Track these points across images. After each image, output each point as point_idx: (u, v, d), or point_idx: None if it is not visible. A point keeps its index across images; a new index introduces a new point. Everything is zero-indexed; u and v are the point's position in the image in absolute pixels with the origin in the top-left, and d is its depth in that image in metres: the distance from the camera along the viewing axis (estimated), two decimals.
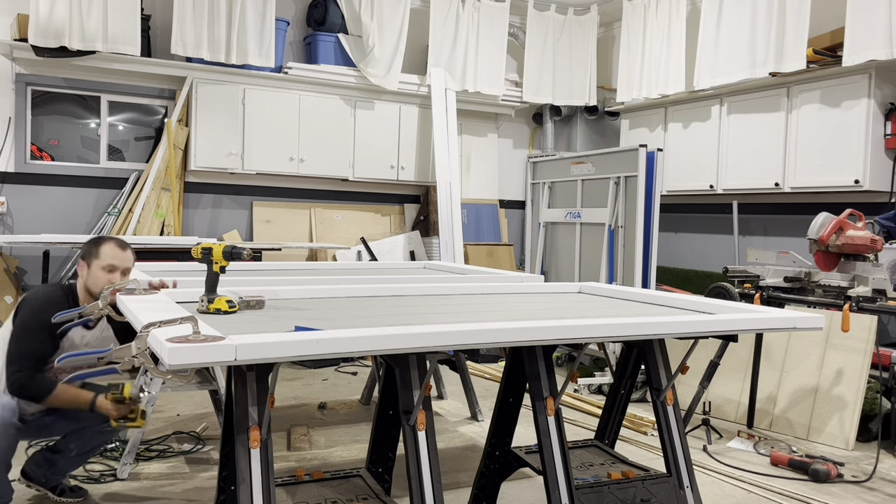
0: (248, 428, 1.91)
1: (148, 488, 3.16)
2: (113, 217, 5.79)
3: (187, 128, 5.95)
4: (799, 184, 5.24)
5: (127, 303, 2.21)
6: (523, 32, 7.08)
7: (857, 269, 4.13)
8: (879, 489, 3.40)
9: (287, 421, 4.15)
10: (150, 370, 1.75)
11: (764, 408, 4.34)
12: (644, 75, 6.41)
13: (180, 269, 3.66)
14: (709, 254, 6.38)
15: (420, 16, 6.72)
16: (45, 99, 5.79)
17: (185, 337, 1.61)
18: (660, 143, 6.23)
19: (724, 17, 5.66)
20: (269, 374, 1.90)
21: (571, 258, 5.84)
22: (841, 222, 4.13)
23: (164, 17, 5.90)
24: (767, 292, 4.38)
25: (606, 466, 2.75)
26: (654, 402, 2.64)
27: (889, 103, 4.84)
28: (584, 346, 2.32)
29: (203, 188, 6.20)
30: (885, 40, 4.54)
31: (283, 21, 6.18)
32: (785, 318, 2.44)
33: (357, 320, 2.09)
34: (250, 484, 1.89)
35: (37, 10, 5.16)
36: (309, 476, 2.52)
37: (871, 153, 4.81)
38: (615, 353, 4.83)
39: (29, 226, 5.62)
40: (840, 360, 4.12)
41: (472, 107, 7.02)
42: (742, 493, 3.33)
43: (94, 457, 3.47)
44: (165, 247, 5.16)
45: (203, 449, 3.67)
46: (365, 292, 2.81)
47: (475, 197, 7.15)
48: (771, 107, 5.44)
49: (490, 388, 5.16)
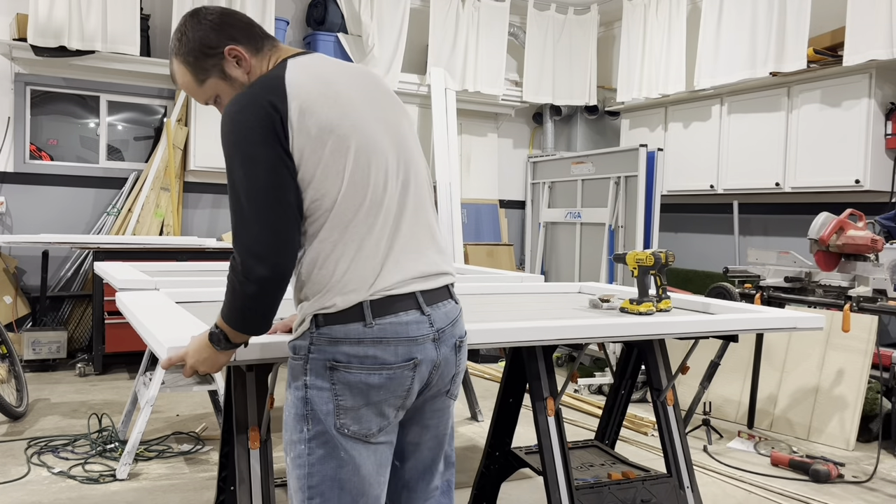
0: (248, 428, 1.91)
1: (147, 489, 3.15)
2: (112, 217, 5.78)
3: (187, 127, 5.94)
4: (799, 184, 5.23)
5: (127, 302, 2.20)
6: (523, 32, 7.07)
7: (857, 270, 4.13)
8: (880, 489, 3.40)
9: None
10: None
11: (764, 408, 4.34)
12: (644, 75, 6.41)
13: (180, 269, 3.65)
14: (709, 254, 6.37)
15: (420, 15, 6.71)
16: (45, 99, 5.78)
17: None
18: (660, 142, 6.23)
19: (724, 16, 5.66)
20: (268, 374, 1.90)
21: (571, 258, 5.84)
22: (841, 222, 4.12)
23: (164, 17, 5.90)
24: (768, 292, 4.38)
25: (606, 467, 2.75)
26: (654, 403, 2.63)
27: (889, 103, 4.83)
28: (585, 346, 2.31)
29: (202, 188, 6.19)
30: (886, 40, 4.53)
31: (282, 21, 6.18)
32: (785, 319, 2.43)
33: None
34: (250, 484, 1.89)
35: (36, 10, 5.15)
36: None
37: (871, 153, 4.80)
38: (615, 353, 4.83)
39: (28, 226, 5.61)
40: (840, 360, 4.11)
41: (472, 106, 7.01)
42: (742, 494, 3.32)
43: (94, 457, 3.47)
44: (165, 247, 5.16)
45: (202, 449, 3.66)
46: None
47: (475, 197, 7.14)
48: (771, 106, 5.43)
49: (490, 388, 5.16)
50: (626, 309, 2.45)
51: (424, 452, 1.64)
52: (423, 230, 1.55)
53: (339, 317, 1.43)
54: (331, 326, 1.43)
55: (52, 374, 5.11)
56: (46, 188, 5.69)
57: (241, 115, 1.40)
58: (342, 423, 1.45)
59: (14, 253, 5.55)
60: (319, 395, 1.45)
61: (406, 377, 1.47)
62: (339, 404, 1.44)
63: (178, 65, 1.56)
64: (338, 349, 1.43)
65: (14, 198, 5.59)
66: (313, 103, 1.41)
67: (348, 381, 1.43)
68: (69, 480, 3.19)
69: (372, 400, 1.45)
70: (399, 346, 1.45)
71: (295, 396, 1.48)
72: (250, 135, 1.38)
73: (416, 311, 1.48)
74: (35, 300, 5.54)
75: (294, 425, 1.48)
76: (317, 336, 1.44)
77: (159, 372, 3.34)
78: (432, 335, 1.50)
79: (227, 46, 1.53)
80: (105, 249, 4.95)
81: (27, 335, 5.07)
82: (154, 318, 1.89)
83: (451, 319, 1.56)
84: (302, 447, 1.47)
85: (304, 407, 1.46)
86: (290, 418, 1.50)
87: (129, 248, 5.03)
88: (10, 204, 5.57)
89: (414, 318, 1.47)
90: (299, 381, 1.47)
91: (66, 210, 5.75)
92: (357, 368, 1.43)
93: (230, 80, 1.54)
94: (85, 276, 5.70)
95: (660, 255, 2.51)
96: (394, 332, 1.45)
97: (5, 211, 5.55)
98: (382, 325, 1.44)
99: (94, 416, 4.02)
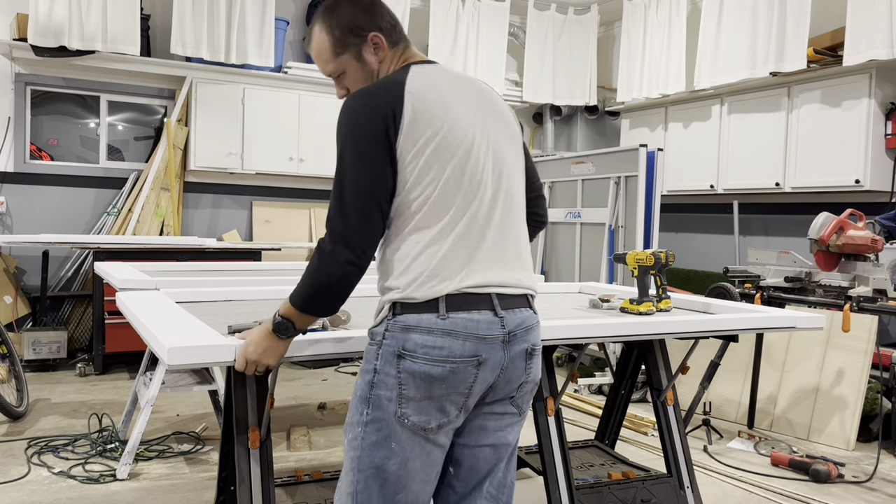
0: (248, 428, 1.91)
1: (147, 489, 3.15)
2: (112, 217, 5.78)
3: (187, 127, 5.95)
4: (799, 184, 5.23)
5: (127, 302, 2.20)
6: (523, 32, 7.07)
7: (857, 269, 4.13)
8: (880, 489, 3.40)
9: (287, 421, 4.14)
10: None
11: (764, 408, 4.34)
12: (644, 75, 6.40)
13: (180, 269, 3.65)
14: (709, 254, 6.37)
15: (420, 15, 6.71)
16: (45, 99, 5.78)
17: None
18: (660, 142, 6.23)
19: (724, 16, 5.66)
20: (268, 374, 1.89)
21: (571, 258, 5.83)
22: (841, 222, 4.12)
23: (164, 17, 5.90)
24: (768, 292, 4.38)
25: (607, 467, 2.75)
26: (654, 403, 2.63)
27: (890, 103, 4.83)
28: (585, 346, 2.31)
29: (202, 188, 6.20)
30: (886, 40, 4.53)
31: (282, 21, 6.18)
32: (785, 318, 2.44)
33: (356, 320, 2.08)
34: (250, 484, 1.89)
35: (36, 10, 5.15)
36: (309, 476, 2.52)
37: (871, 153, 4.80)
38: (615, 353, 4.82)
39: (28, 226, 5.61)
40: (841, 360, 4.11)
41: None
42: (743, 494, 3.32)
43: (94, 456, 3.47)
44: (165, 247, 5.16)
45: (202, 449, 3.66)
46: (364, 292, 2.79)
47: None
48: (771, 106, 5.43)
49: None
50: (626, 309, 2.45)
51: (481, 462, 1.64)
52: (510, 245, 1.60)
53: (416, 307, 1.50)
54: (406, 315, 1.50)
55: (53, 374, 5.11)
56: (46, 188, 5.69)
57: (361, 112, 1.50)
58: (403, 412, 1.50)
59: (14, 253, 5.55)
60: (385, 381, 1.50)
61: (469, 374, 1.50)
62: (401, 392, 1.49)
63: (321, 33, 1.64)
64: (408, 336, 1.49)
65: (14, 198, 5.59)
66: (425, 113, 1.50)
67: (412, 371, 1.48)
68: (69, 480, 3.19)
69: (434, 393, 1.49)
70: (467, 342, 1.49)
71: (363, 380, 1.55)
72: (365, 133, 1.48)
73: (490, 311, 1.53)
74: (35, 300, 5.54)
75: (356, 407, 1.55)
76: (392, 323, 1.51)
77: (159, 372, 3.34)
78: (502, 336, 1.53)
79: (373, 32, 1.63)
80: (105, 249, 4.95)
81: (27, 335, 5.07)
82: (154, 318, 1.89)
83: (525, 326, 1.59)
84: (359, 429, 1.53)
85: (369, 391, 1.53)
86: (354, 400, 1.56)
87: (129, 248, 5.03)
88: (11, 204, 5.57)
89: (486, 317, 1.52)
90: (370, 366, 1.54)
91: (66, 210, 5.75)
92: (422, 358, 1.48)
93: (363, 63, 1.64)
94: (85, 276, 5.70)
95: (660, 255, 2.51)
96: (464, 326, 1.49)
97: (5, 211, 5.55)
98: (455, 318, 1.49)
99: (95, 416, 4.03)
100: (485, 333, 1.51)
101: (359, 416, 1.53)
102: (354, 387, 1.58)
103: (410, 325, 1.49)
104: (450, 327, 1.48)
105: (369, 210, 1.48)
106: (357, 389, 1.56)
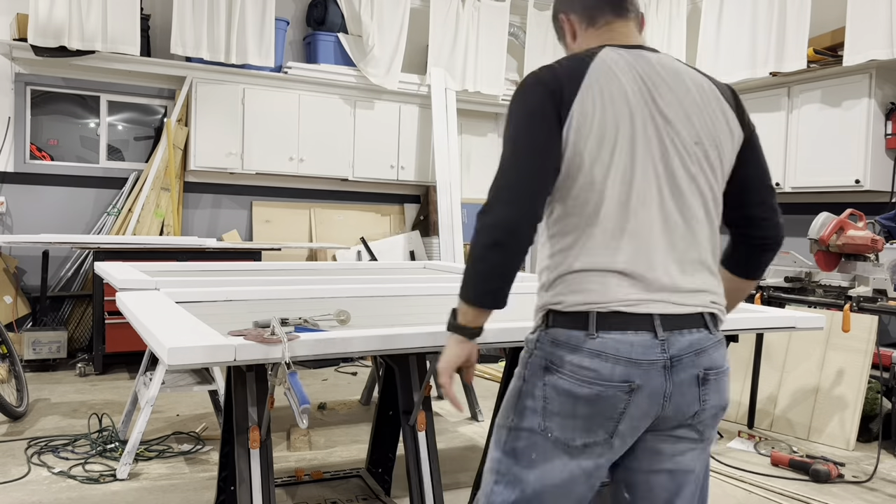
0: (248, 428, 1.91)
1: (147, 488, 3.15)
2: (112, 217, 5.78)
3: (187, 127, 5.95)
4: (799, 183, 5.24)
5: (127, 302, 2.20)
6: (523, 32, 7.07)
7: (857, 269, 4.13)
8: (880, 489, 3.40)
9: (287, 421, 4.14)
10: None
11: (764, 408, 4.34)
12: None
13: (180, 269, 3.65)
14: None
15: (420, 15, 6.71)
16: (45, 99, 5.78)
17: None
18: None
19: (724, 16, 5.66)
20: (268, 374, 1.89)
21: None
22: (841, 222, 4.12)
23: (164, 17, 5.90)
24: (768, 292, 4.38)
25: None
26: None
27: (890, 103, 4.83)
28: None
29: (203, 188, 6.19)
30: (886, 40, 4.54)
31: (282, 21, 6.18)
32: (785, 318, 2.44)
33: (357, 320, 2.08)
34: (250, 484, 1.89)
35: (36, 10, 5.15)
36: (309, 476, 2.52)
37: (871, 153, 4.80)
38: None
39: (28, 226, 5.61)
40: (841, 360, 4.11)
41: (472, 106, 7.01)
42: (743, 494, 3.32)
43: (94, 456, 3.47)
44: (165, 247, 5.16)
45: (202, 449, 3.66)
46: (365, 292, 2.80)
47: (475, 197, 7.14)
48: (771, 106, 5.43)
49: (490, 388, 5.16)
50: None
51: (657, 490, 1.50)
52: (690, 246, 1.45)
53: (566, 319, 1.41)
54: (557, 329, 1.42)
55: (53, 374, 5.11)
56: (46, 188, 5.69)
57: (534, 87, 1.42)
58: (547, 425, 1.42)
59: (14, 253, 5.55)
60: (531, 391, 1.44)
61: (619, 399, 1.37)
62: (545, 407, 1.42)
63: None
64: (556, 351, 1.41)
65: (14, 198, 5.59)
66: (597, 98, 1.40)
67: (557, 387, 1.40)
68: (69, 480, 3.19)
69: (578, 413, 1.39)
70: (617, 365, 1.36)
71: (514, 385, 1.50)
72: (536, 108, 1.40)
73: (649, 332, 1.38)
74: (35, 300, 5.54)
75: (505, 410, 1.51)
76: (544, 335, 1.45)
77: (159, 372, 3.34)
78: (663, 362, 1.38)
79: (561, 15, 1.63)
80: (105, 249, 4.95)
81: (27, 335, 5.07)
82: (154, 319, 1.89)
83: (695, 348, 1.42)
84: (504, 433, 1.49)
85: (516, 399, 1.48)
86: (506, 402, 1.52)
87: (129, 248, 5.03)
88: (11, 204, 5.57)
89: (643, 339, 1.37)
90: (520, 373, 1.49)
91: (66, 210, 5.75)
92: (569, 376, 1.39)
93: (564, 42, 1.66)
94: (85, 276, 5.70)
95: None
96: (614, 348, 1.36)
97: (5, 211, 5.55)
98: (605, 339, 1.37)
99: (95, 416, 4.03)
100: (638, 357, 1.36)
101: (506, 420, 1.49)
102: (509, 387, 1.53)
103: (560, 340, 1.40)
104: (599, 348, 1.36)
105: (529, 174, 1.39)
106: (508, 392, 1.51)
